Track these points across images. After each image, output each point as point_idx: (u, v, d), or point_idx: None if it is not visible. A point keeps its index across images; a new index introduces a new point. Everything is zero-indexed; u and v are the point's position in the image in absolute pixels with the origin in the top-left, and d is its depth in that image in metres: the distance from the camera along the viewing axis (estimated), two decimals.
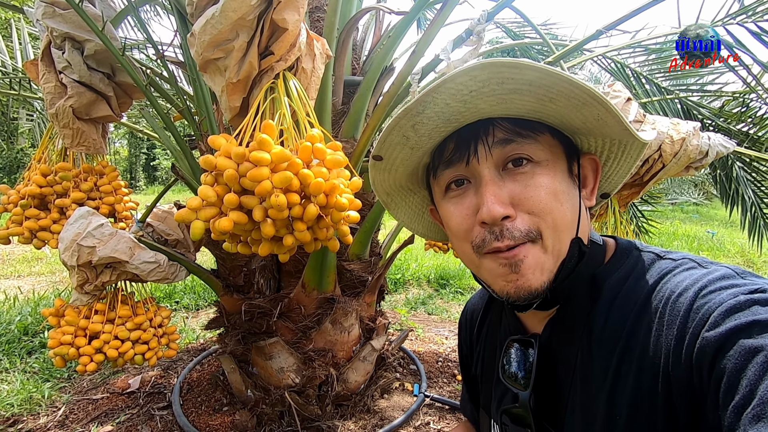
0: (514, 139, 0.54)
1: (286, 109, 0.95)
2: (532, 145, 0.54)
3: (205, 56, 0.93)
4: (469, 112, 0.53)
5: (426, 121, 0.54)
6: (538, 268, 0.53)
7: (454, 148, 0.57)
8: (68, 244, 1.35)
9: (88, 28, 1.41)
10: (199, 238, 0.83)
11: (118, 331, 1.42)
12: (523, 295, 0.53)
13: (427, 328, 3.10)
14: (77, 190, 1.54)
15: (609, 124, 0.53)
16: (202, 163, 0.83)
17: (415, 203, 0.73)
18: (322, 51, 1.14)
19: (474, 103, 0.52)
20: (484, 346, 0.77)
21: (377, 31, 1.94)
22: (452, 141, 0.57)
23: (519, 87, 0.49)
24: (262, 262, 1.69)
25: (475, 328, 0.81)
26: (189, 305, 3.47)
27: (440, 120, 0.54)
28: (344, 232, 0.98)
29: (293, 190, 0.83)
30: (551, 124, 0.56)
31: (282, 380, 1.68)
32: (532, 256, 0.53)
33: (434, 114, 0.53)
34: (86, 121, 1.54)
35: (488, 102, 0.52)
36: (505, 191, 0.53)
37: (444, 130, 0.57)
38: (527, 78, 0.48)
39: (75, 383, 2.21)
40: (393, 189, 0.69)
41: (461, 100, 0.51)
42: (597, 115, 0.51)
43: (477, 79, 0.48)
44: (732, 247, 6.55)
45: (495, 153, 0.54)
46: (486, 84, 0.49)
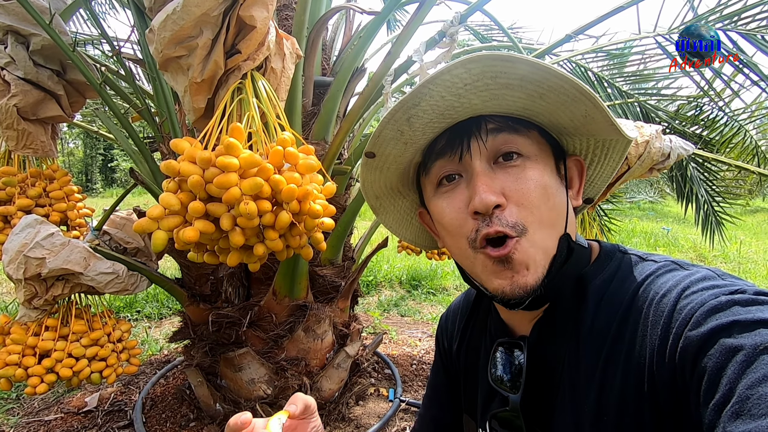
0: (504, 128, 0.55)
1: (255, 111, 0.90)
2: (523, 140, 0.55)
3: (165, 54, 0.87)
4: (462, 107, 0.54)
5: (421, 114, 0.54)
6: (531, 263, 0.52)
7: (446, 142, 0.57)
8: (13, 255, 1.24)
9: (34, 21, 1.30)
10: (161, 250, 0.77)
11: (71, 348, 1.32)
12: (518, 292, 0.52)
13: (401, 330, 3.09)
14: (23, 196, 1.42)
15: (596, 120, 0.53)
16: (164, 169, 0.77)
17: (404, 207, 0.72)
18: (292, 50, 1.09)
19: (467, 97, 0.52)
20: (467, 348, 0.75)
21: (348, 31, 1.91)
22: (445, 137, 0.58)
23: (511, 82, 0.50)
24: (230, 269, 1.62)
25: (458, 330, 0.79)
26: (151, 314, 3.31)
27: (434, 114, 0.54)
28: (318, 239, 0.94)
29: (264, 197, 0.79)
30: (539, 123, 0.57)
31: (253, 392, 1.62)
32: (522, 251, 0.52)
33: (429, 107, 0.53)
34: (33, 121, 1.42)
35: (481, 97, 0.52)
36: (497, 182, 0.53)
37: (437, 126, 0.57)
38: (519, 72, 0.49)
39: (24, 404, 2.04)
40: (383, 191, 0.68)
41: (455, 94, 0.52)
42: (585, 112, 0.52)
43: (472, 71, 0.49)
44: (685, 242, 6.93)
45: (488, 144, 0.55)
46: (480, 78, 0.50)
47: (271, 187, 0.78)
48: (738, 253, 6.21)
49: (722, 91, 2.35)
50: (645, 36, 2.14)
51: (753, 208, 11.03)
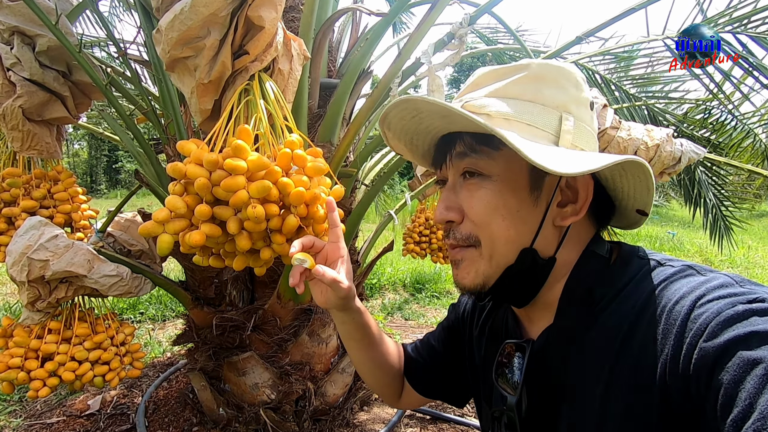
0: (468, 154, 0.58)
1: (263, 113, 0.89)
2: (485, 161, 0.57)
3: (172, 54, 0.86)
4: (428, 128, 0.61)
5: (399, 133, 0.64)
6: (472, 270, 0.59)
7: (435, 154, 0.66)
8: (17, 257, 1.23)
9: (40, 22, 1.30)
10: (166, 253, 0.76)
11: (74, 352, 1.30)
12: (460, 288, 0.61)
13: (405, 334, 3.07)
14: (28, 197, 1.41)
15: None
16: (170, 171, 0.76)
17: None
18: (300, 52, 1.08)
19: (427, 122, 0.60)
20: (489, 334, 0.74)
21: (354, 33, 1.90)
22: (437, 147, 0.66)
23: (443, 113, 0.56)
24: (234, 273, 1.60)
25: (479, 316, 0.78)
26: (155, 316, 3.30)
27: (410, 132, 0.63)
28: None
29: (271, 201, 0.77)
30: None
31: (256, 397, 1.60)
32: (468, 259, 0.59)
33: (401, 128, 0.63)
34: (38, 122, 1.42)
35: (440, 121, 0.59)
36: (459, 198, 0.59)
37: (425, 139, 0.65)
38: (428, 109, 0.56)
39: (27, 406, 2.03)
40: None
41: (413, 120, 0.60)
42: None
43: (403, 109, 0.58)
44: (691, 246, 6.87)
45: (455, 164, 0.60)
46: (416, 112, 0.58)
47: (279, 191, 0.76)
48: (745, 258, 6.15)
49: (731, 95, 2.32)
50: (654, 39, 2.12)
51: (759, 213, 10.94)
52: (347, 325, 0.78)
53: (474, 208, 0.57)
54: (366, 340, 0.81)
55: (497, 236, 0.56)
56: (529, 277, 0.58)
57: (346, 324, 0.78)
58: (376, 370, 0.84)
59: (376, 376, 0.85)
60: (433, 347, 0.85)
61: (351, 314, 0.76)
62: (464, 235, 0.58)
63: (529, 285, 0.59)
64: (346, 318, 0.77)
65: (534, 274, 0.57)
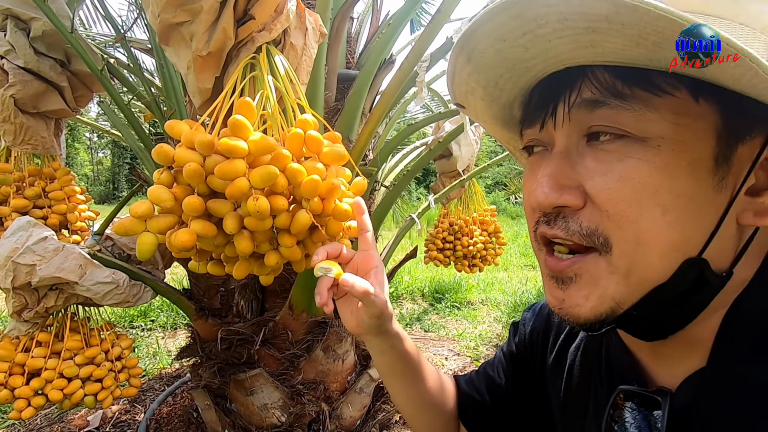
0: (605, 101, 0.36)
1: (270, 90, 0.74)
2: (637, 114, 0.35)
3: (164, 19, 0.72)
4: (541, 57, 0.38)
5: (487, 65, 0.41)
6: (595, 292, 0.38)
7: (536, 103, 0.42)
8: (2, 261, 1.10)
9: (34, 5, 1.19)
10: (148, 257, 0.61)
11: (63, 368, 1.17)
12: (569, 320, 0.40)
13: (425, 347, 2.88)
14: (20, 196, 1.30)
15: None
16: (155, 156, 0.61)
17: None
18: (316, 26, 0.93)
19: (542, 46, 0.36)
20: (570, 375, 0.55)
21: (374, 21, 1.76)
22: (537, 92, 0.42)
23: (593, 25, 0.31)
24: (242, 280, 1.46)
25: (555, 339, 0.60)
26: (165, 324, 3.19)
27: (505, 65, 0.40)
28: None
29: (278, 192, 0.62)
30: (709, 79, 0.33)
31: (265, 419, 1.44)
32: (589, 275, 0.38)
33: (493, 57, 0.39)
34: (33, 115, 1.30)
35: (567, 46, 0.35)
36: (576, 172, 0.38)
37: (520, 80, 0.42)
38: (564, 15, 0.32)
39: (26, 420, 1.92)
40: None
41: (518, 45, 0.37)
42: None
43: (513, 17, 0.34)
44: None
45: (576, 118, 0.38)
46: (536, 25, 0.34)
47: (287, 180, 0.61)
48: None
49: None
50: None
51: None
52: (386, 356, 0.61)
53: (611, 191, 0.36)
54: (410, 374, 0.63)
55: (648, 239, 0.36)
56: (686, 302, 0.38)
57: (385, 354, 0.61)
58: (425, 412, 0.66)
59: (425, 420, 0.67)
60: (493, 380, 0.67)
61: (389, 340, 0.60)
62: (584, 229, 0.37)
63: (683, 313, 0.39)
64: (385, 346, 0.60)
65: (695, 298, 0.38)
